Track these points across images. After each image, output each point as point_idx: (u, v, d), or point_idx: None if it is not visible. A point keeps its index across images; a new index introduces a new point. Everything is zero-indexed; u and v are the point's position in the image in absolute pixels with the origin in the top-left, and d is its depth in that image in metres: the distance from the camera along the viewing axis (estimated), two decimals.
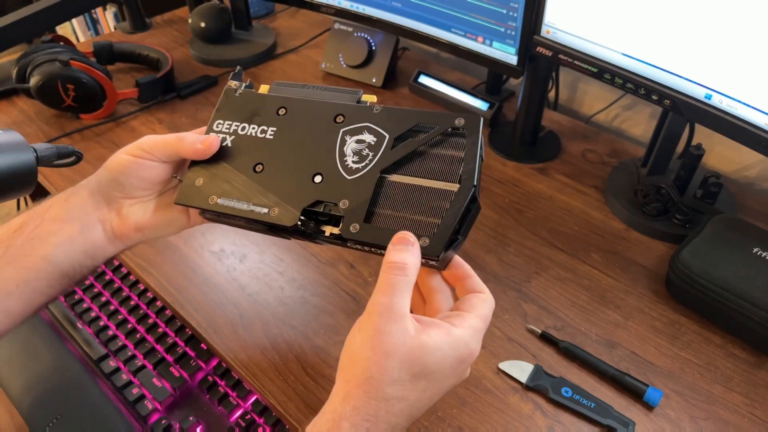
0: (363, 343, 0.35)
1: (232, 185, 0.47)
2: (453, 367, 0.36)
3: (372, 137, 0.45)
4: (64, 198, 0.48)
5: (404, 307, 0.36)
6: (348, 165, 0.44)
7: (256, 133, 0.48)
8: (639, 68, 0.67)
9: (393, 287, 0.36)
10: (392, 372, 0.34)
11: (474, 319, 0.38)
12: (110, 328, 0.66)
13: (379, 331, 0.35)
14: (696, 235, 0.66)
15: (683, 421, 0.55)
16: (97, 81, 0.88)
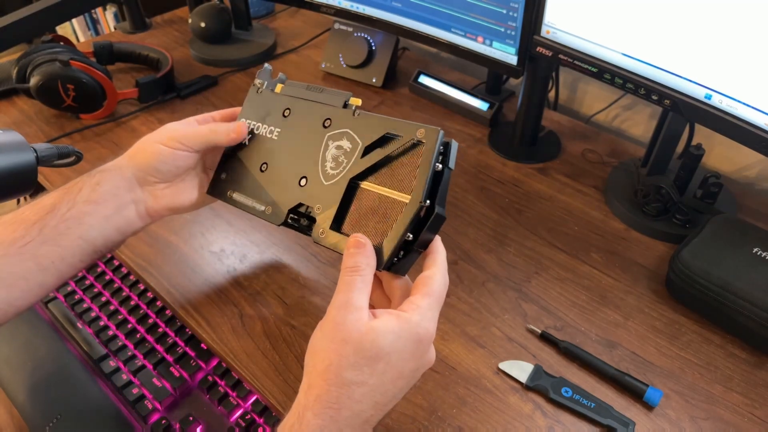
0: (323, 336, 0.38)
1: (244, 182, 0.51)
2: (409, 349, 0.38)
3: (349, 144, 0.46)
4: (95, 181, 0.51)
5: (360, 301, 0.38)
6: (327, 170, 0.46)
7: (266, 133, 0.52)
8: (639, 68, 0.67)
9: (348, 285, 0.39)
10: (349, 357, 0.36)
11: (420, 299, 0.40)
12: (110, 328, 0.66)
13: (336, 322, 0.37)
14: (696, 235, 0.66)
15: (683, 421, 0.55)
16: (97, 81, 0.88)
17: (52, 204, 0.49)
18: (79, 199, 0.50)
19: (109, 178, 0.52)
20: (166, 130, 0.53)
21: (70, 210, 0.49)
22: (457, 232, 0.74)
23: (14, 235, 0.47)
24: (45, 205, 0.49)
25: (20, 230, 0.48)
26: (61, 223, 0.49)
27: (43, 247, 0.48)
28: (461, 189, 0.81)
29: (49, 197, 0.50)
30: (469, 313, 0.65)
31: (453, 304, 0.66)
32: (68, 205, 0.49)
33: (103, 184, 0.51)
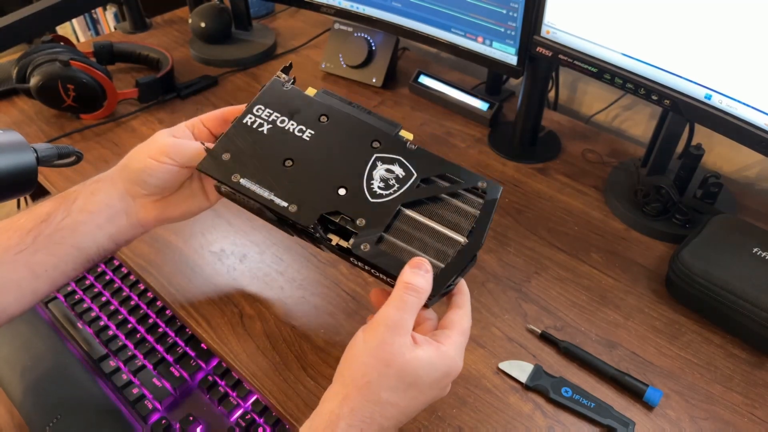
0: (366, 351, 0.39)
1: (259, 171, 0.48)
2: (439, 380, 0.41)
3: (401, 171, 0.48)
4: (90, 191, 0.51)
5: (410, 324, 0.40)
6: (373, 188, 0.46)
7: (294, 130, 0.49)
8: (639, 68, 0.67)
9: (405, 305, 0.39)
10: (389, 379, 0.38)
11: (456, 335, 0.42)
12: (110, 328, 0.66)
13: (384, 341, 0.38)
14: (696, 235, 0.66)
15: (683, 421, 0.55)
16: (98, 81, 0.88)
17: (48, 212, 0.49)
18: (74, 208, 0.50)
19: (103, 188, 0.52)
20: (156, 142, 0.51)
21: (65, 219, 0.49)
22: None
23: (8, 243, 0.47)
24: (40, 213, 0.49)
25: (15, 238, 0.48)
26: (56, 232, 0.49)
27: (37, 255, 0.48)
28: None
29: (45, 205, 0.50)
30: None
31: None
32: (63, 213, 0.49)
33: (98, 194, 0.51)
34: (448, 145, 0.90)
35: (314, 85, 0.54)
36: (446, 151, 0.89)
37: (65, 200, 0.50)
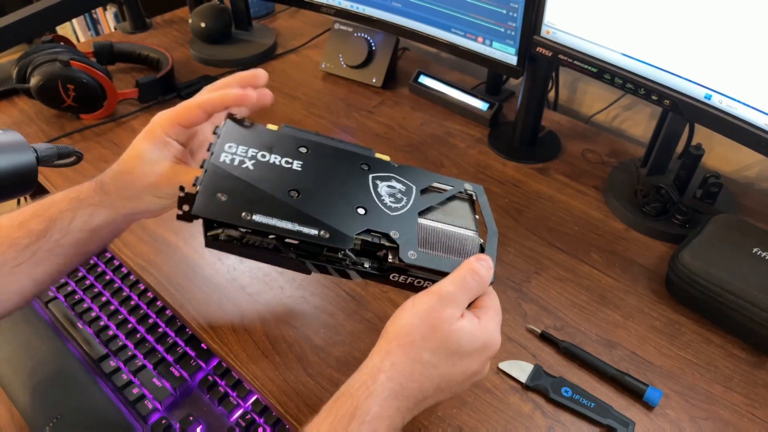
0: (414, 314, 0.41)
1: (270, 205, 0.44)
2: (479, 351, 0.42)
3: (401, 185, 0.49)
4: (88, 213, 0.50)
5: (463, 302, 0.42)
6: (386, 203, 0.47)
7: (280, 162, 0.47)
8: (639, 68, 0.67)
9: (464, 284, 0.42)
10: (432, 342, 0.40)
11: (494, 313, 0.45)
12: (110, 328, 0.66)
13: (434, 308, 0.40)
14: (696, 235, 0.66)
15: (683, 421, 0.55)
16: (98, 81, 0.88)
17: (43, 230, 0.48)
18: (72, 228, 0.49)
19: (104, 214, 0.50)
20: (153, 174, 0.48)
21: (64, 237, 0.49)
22: None
23: (4, 257, 0.47)
24: (33, 230, 0.48)
25: (10, 253, 0.47)
26: (57, 247, 0.49)
27: (38, 267, 0.49)
28: None
29: (35, 221, 0.48)
30: None
31: None
32: (61, 233, 0.49)
33: (97, 216, 0.50)
34: (448, 145, 0.90)
35: (315, 85, 0.54)
36: (446, 151, 0.89)
37: (60, 218, 0.49)
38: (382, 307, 0.65)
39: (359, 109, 0.97)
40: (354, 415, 0.37)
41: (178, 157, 0.50)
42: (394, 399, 0.39)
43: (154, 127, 0.49)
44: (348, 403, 0.38)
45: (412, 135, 0.92)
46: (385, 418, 0.38)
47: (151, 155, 0.49)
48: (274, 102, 0.56)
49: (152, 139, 0.49)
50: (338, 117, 0.96)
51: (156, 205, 0.51)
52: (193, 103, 0.49)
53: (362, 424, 0.37)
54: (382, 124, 0.94)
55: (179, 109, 0.49)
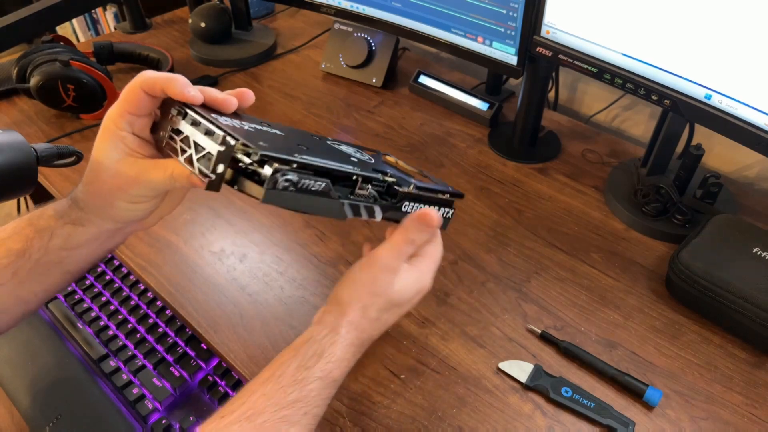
0: (361, 284, 0.47)
1: (297, 150, 0.41)
2: (414, 297, 0.49)
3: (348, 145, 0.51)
4: (66, 233, 0.46)
5: (400, 266, 0.48)
6: (358, 156, 0.49)
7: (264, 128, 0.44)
8: (639, 68, 0.67)
9: (400, 254, 0.48)
10: (380, 304, 0.47)
11: (431, 262, 0.50)
12: (110, 328, 0.66)
13: (376, 279, 0.47)
14: (696, 235, 0.66)
15: (683, 421, 0.55)
16: (98, 81, 0.88)
17: (21, 249, 0.45)
18: (52, 247, 0.46)
19: (84, 232, 0.47)
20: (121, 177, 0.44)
21: (45, 256, 0.46)
22: (457, 232, 0.74)
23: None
24: (12, 249, 0.45)
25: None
26: (38, 266, 0.46)
27: (21, 286, 0.46)
28: (461, 189, 0.81)
29: (13, 239, 0.46)
30: (469, 313, 0.65)
31: (453, 304, 0.66)
32: (40, 252, 0.46)
33: (77, 235, 0.47)
34: (448, 145, 0.90)
35: (315, 85, 0.54)
36: (446, 151, 0.89)
37: (39, 236, 0.46)
38: None
39: (359, 109, 0.97)
40: (321, 357, 0.44)
41: (140, 151, 0.44)
42: (351, 346, 0.46)
43: (106, 123, 0.44)
44: (314, 348, 0.45)
45: (412, 135, 0.92)
46: (344, 360, 0.46)
47: (110, 155, 0.43)
48: (274, 102, 0.55)
49: (106, 136, 0.43)
50: (338, 117, 0.96)
51: (134, 212, 0.46)
52: (134, 85, 0.43)
53: (328, 363, 0.45)
54: (382, 124, 0.94)
55: (124, 96, 0.43)
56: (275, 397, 0.42)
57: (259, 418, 0.41)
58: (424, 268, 0.50)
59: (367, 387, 0.58)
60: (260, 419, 0.41)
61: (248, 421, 0.41)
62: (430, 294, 0.66)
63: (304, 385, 0.43)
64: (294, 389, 0.43)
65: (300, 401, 0.42)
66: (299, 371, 0.43)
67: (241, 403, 0.41)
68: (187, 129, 0.40)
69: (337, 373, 0.45)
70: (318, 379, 0.44)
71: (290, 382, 0.43)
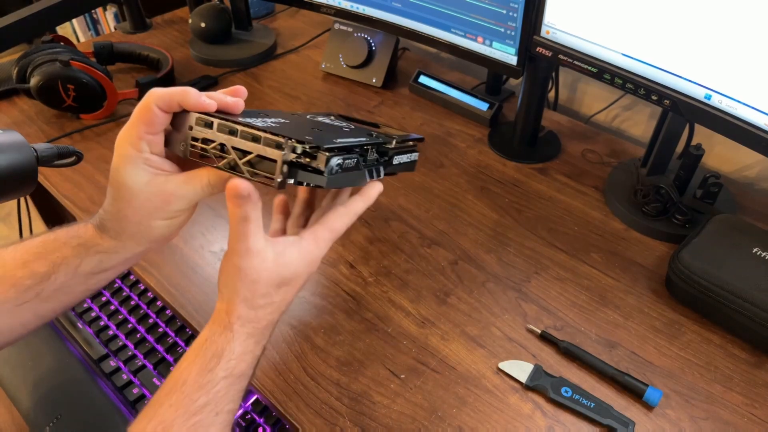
0: (234, 278, 0.44)
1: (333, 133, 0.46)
2: (305, 270, 0.46)
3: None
4: (97, 260, 0.47)
5: (258, 244, 0.43)
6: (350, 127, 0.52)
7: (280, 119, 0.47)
8: (639, 68, 0.67)
9: (244, 235, 0.42)
10: (260, 290, 0.44)
11: (322, 231, 0.47)
12: (110, 328, 0.66)
13: (242, 268, 0.43)
14: (696, 235, 0.66)
15: (683, 420, 0.55)
16: (98, 81, 0.88)
17: (47, 273, 0.46)
18: (80, 272, 0.47)
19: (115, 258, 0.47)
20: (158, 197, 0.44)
21: (71, 279, 0.47)
22: (457, 232, 0.74)
23: (6, 296, 0.45)
24: (37, 272, 0.46)
25: (12, 292, 0.46)
26: (64, 287, 0.47)
27: (43, 305, 0.47)
28: (461, 189, 0.81)
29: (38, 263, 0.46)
30: (469, 313, 0.65)
31: (453, 304, 0.66)
32: (67, 276, 0.46)
33: (108, 261, 0.47)
34: (448, 145, 0.90)
35: (315, 85, 0.54)
36: (446, 151, 0.89)
37: (65, 264, 0.46)
38: (382, 307, 0.65)
39: (359, 109, 0.97)
40: (221, 356, 0.43)
41: (164, 168, 0.44)
42: (250, 337, 0.45)
43: (122, 149, 0.43)
44: (213, 348, 0.43)
45: None
46: (246, 353, 0.44)
47: (137, 180, 0.43)
48: (274, 102, 0.55)
49: (128, 161, 0.43)
50: None
51: (172, 228, 0.46)
52: (147, 102, 0.43)
53: (230, 361, 0.43)
54: (382, 124, 0.94)
55: (136, 116, 0.43)
56: (182, 406, 0.41)
57: (170, 430, 0.40)
58: (312, 239, 0.46)
59: (367, 387, 0.58)
60: (172, 431, 0.40)
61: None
62: (430, 294, 0.66)
63: (210, 388, 0.42)
64: (200, 394, 0.42)
65: (209, 404, 0.42)
66: (202, 375, 0.42)
67: (149, 418, 0.41)
68: (220, 137, 0.42)
69: (242, 366, 0.44)
70: (223, 379, 0.43)
71: (195, 388, 0.42)
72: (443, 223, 0.76)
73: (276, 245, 0.44)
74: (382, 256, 0.71)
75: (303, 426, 0.55)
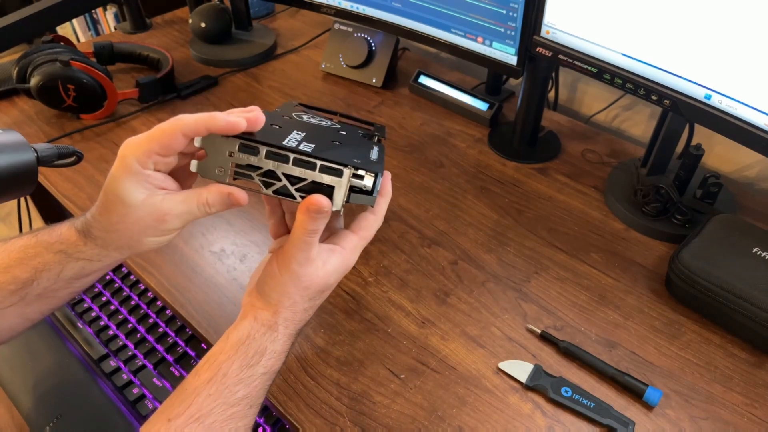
0: (288, 283, 0.47)
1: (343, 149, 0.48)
2: (341, 276, 0.49)
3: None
4: (79, 266, 0.46)
5: (317, 253, 0.47)
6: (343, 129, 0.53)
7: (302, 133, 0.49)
8: (639, 68, 0.67)
9: (309, 245, 0.45)
10: (308, 295, 0.48)
11: (358, 241, 0.49)
12: (111, 328, 0.66)
13: (298, 276, 0.46)
14: (696, 235, 0.66)
15: (683, 420, 0.55)
16: (98, 81, 0.88)
17: (29, 278, 0.46)
18: (62, 277, 0.47)
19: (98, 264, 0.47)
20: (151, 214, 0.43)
21: (54, 284, 0.47)
22: (457, 232, 0.74)
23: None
24: (19, 277, 0.46)
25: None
26: (47, 292, 0.47)
27: (29, 307, 0.47)
28: (461, 189, 0.81)
29: (20, 268, 0.46)
30: (469, 313, 0.65)
31: (453, 304, 0.66)
32: (50, 281, 0.46)
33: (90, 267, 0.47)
34: (448, 145, 0.90)
35: (315, 85, 0.54)
36: (446, 151, 0.89)
37: (47, 269, 0.46)
38: (382, 307, 0.65)
39: (359, 109, 0.97)
40: (264, 354, 0.46)
41: (165, 186, 0.44)
42: (290, 338, 0.48)
43: (128, 161, 0.42)
44: (254, 346, 0.45)
45: (411, 135, 0.92)
46: (285, 352, 0.48)
47: (134, 196, 0.42)
48: (274, 102, 0.55)
49: (130, 175, 0.42)
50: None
51: (161, 243, 0.46)
52: (173, 129, 0.42)
53: (270, 359, 0.46)
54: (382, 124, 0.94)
55: (156, 136, 0.42)
56: (222, 396, 0.43)
57: (208, 418, 0.41)
58: (350, 245, 0.49)
59: (367, 387, 0.58)
60: (209, 420, 0.41)
61: (197, 423, 0.41)
62: (430, 294, 0.66)
63: (249, 382, 0.44)
64: (240, 387, 0.44)
65: (247, 397, 0.44)
66: (243, 370, 0.44)
67: (187, 405, 0.42)
68: (268, 164, 0.44)
69: (278, 365, 0.47)
70: (261, 375, 0.45)
71: (235, 381, 0.44)
72: (443, 223, 0.76)
73: (321, 253, 0.47)
74: (382, 256, 0.71)
75: (303, 426, 0.55)
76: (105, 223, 0.44)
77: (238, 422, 0.43)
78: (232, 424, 0.43)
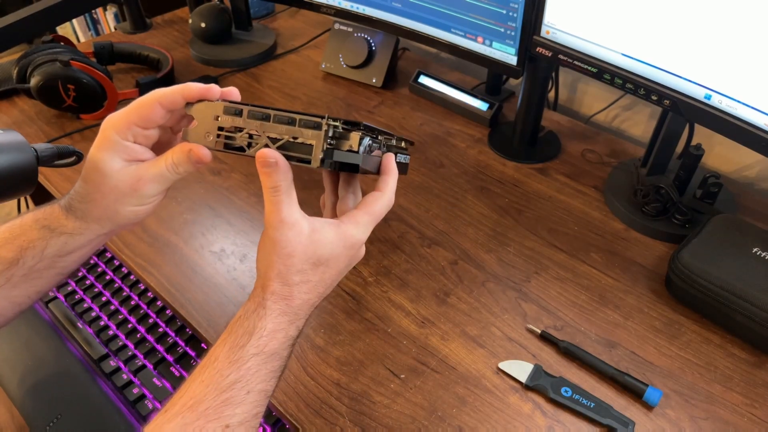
0: (270, 252, 0.44)
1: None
2: (344, 253, 0.46)
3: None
4: (62, 241, 0.47)
5: (292, 216, 0.43)
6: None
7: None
8: (639, 68, 0.67)
9: (276, 205, 0.43)
10: (295, 266, 0.44)
11: (362, 215, 0.47)
12: (110, 328, 0.66)
13: (278, 241, 0.43)
14: (696, 235, 0.66)
15: (683, 420, 0.55)
16: (98, 81, 0.88)
17: (14, 258, 0.46)
18: (47, 255, 0.47)
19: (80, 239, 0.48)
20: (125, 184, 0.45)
21: (39, 263, 0.47)
22: (457, 232, 0.74)
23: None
24: (4, 258, 0.46)
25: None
26: (32, 272, 0.47)
27: (14, 290, 0.47)
28: (461, 189, 0.81)
29: (5, 248, 0.46)
30: (469, 313, 0.65)
31: (453, 304, 0.66)
32: (35, 259, 0.47)
33: (73, 242, 0.48)
34: (448, 145, 0.90)
35: (315, 85, 0.54)
36: (446, 151, 0.89)
37: (32, 246, 0.46)
38: (382, 307, 0.65)
39: (359, 109, 0.98)
40: (252, 333, 0.43)
41: (141, 158, 0.45)
42: (283, 315, 0.44)
43: (107, 133, 0.44)
44: (245, 325, 0.43)
45: (411, 135, 0.92)
46: (279, 331, 0.44)
47: (111, 165, 0.44)
48: (274, 102, 0.55)
49: (108, 147, 0.44)
50: None
51: (140, 213, 0.47)
52: (151, 100, 0.44)
53: (261, 338, 0.43)
54: (382, 125, 0.94)
55: (135, 108, 0.44)
56: (213, 382, 0.41)
57: (201, 405, 0.40)
58: (352, 221, 0.46)
59: (367, 387, 0.58)
60: (202, 407, 0.40)
61: (190, 411, 0.40)
62: (430, 294, 0.66)
63: (240, 364, 0.42)
64: (231, 370, 0.41)
65: (240, 381, 0.41)
66: (233, 351, 0.42)
67: (181, 395, 0.41)
68: (252, 123, 0.43)
69: (273, 345, 0.44)
70: (254, 356, 0.43)
71: (226, 364, 0.42)
72: (443, 223, 0.76)
73: (313, 222, 0.45)
74: (382, 255, 0.71)
75: (303, 426, 0.55)
76: (83, 193, 0.46)
77: (234, 408, 0.41)
78: (228, 411, 0.41)
